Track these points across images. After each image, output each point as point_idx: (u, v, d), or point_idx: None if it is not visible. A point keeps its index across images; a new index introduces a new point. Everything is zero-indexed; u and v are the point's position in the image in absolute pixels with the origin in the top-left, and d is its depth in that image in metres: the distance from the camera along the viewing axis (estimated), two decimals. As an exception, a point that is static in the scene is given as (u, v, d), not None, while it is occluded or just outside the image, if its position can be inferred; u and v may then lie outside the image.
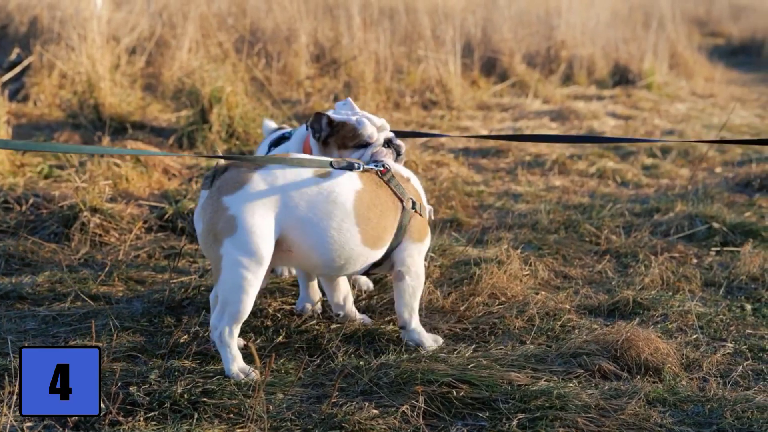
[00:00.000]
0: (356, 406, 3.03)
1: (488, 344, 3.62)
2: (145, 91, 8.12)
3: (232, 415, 2.97)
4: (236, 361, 3.26)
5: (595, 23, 11.89)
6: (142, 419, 2.91)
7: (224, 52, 8.56)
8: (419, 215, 3.53)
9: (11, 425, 2.87)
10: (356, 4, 9.72)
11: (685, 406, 3.13)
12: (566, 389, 3.13)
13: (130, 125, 7.23)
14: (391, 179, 3.48)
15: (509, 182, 6.59)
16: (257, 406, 2.96)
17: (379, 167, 3.48)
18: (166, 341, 3.52)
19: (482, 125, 8.65)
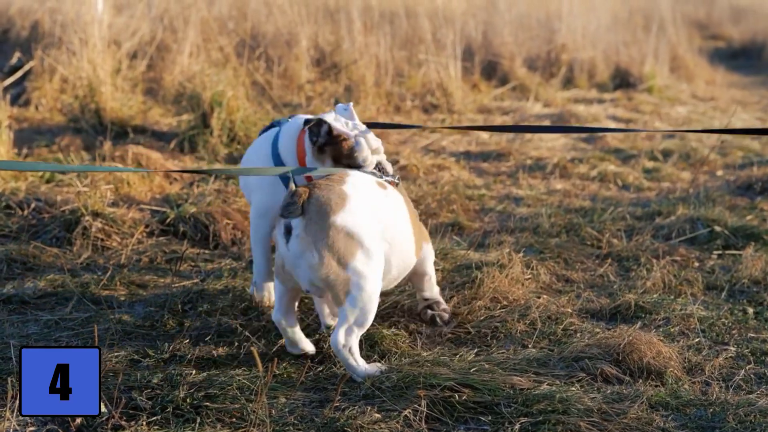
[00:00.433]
0: (358, 410, 3.03)
1: (490, 348, 3.62)
2: (146, 95, 8.13)
3: (234, 419, 2.97)
4: (364, 365, 3.28)
5: (595, 27, 11.89)
6: (144, 423, 2.91)
7: (225, 56, 8.56)
8: None
9: (14, 429, 2.88)
10: (357, 7, 9.72)
11: (687, 410, 3.13)
12: (568, 393, 3.13)
13: (131, 129, 7.23)
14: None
15: (510, 186, 6.59)
16: (260, 410, 2.96)
17: (395, 179, 3.61)
18: (168, 345, 3.52)
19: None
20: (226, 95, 6.90)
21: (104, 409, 2.95)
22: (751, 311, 4.12)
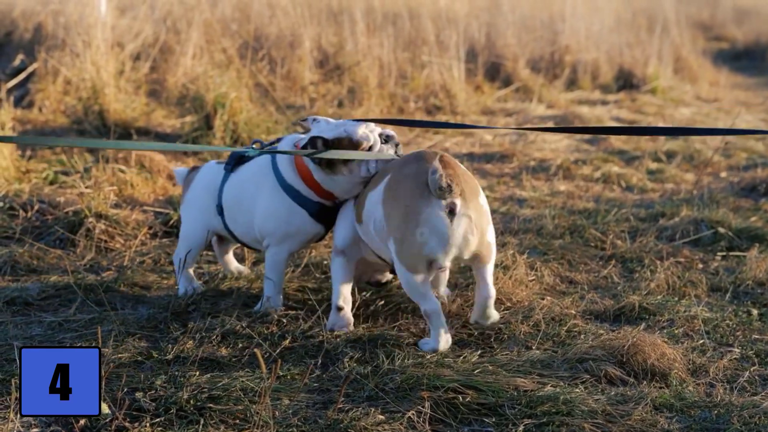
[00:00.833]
0: (362, 411, 3.03)
1: (494, 350, 3.61)
2: (149, 97, 8.14)
3: (238, 420, 2.97)
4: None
5: (599, 28, 11.88)
6: (148, 425, 2.91)
7: (228, 58, 8.58)
8: None
9: (18, 430, 2.88)
10: (360, 9, 9.73)
11: (692, 411, 3.12)
12: (572, 395, 3.12)
13: (134, 131, 7.25)
14: None
15: (514, 187, 6.59)
16: (263, 411, 2.96)
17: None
18: (171, 347, 3.52)
19: (486, 130, 8.64)
20: (229, 97, 6.91)
21: (107, 410, 2.95)
22: (755, 313, 4.11)
